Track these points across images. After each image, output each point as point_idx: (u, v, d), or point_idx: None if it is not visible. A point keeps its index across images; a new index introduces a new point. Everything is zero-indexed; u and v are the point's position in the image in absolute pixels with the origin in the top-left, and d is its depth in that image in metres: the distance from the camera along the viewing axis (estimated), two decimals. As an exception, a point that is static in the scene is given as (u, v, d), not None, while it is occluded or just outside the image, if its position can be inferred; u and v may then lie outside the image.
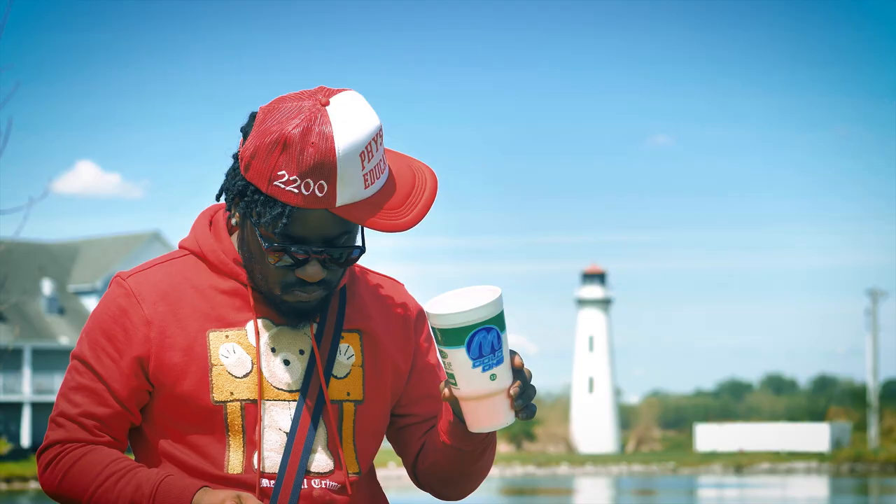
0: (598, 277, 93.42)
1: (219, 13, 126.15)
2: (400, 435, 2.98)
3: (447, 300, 2.69)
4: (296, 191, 2.64)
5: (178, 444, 2.81)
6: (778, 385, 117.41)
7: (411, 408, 2.97)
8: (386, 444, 3.07)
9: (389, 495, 3.10)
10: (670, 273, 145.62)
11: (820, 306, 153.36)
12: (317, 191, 2.64)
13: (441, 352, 2.67)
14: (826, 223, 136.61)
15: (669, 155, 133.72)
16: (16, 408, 69.59)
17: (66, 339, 70.86)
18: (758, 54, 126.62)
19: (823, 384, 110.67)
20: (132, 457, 2.86)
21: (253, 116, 2.74)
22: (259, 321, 2.81)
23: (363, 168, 2.65)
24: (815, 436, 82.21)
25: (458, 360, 2.64)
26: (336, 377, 2.85)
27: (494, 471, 71.31)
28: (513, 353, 2.70)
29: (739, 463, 74.34)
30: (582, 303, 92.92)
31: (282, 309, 2.79)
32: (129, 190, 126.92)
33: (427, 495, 3.09)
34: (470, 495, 2.98)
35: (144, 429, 2.85)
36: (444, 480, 2.93)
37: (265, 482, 2.78)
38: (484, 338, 2.63)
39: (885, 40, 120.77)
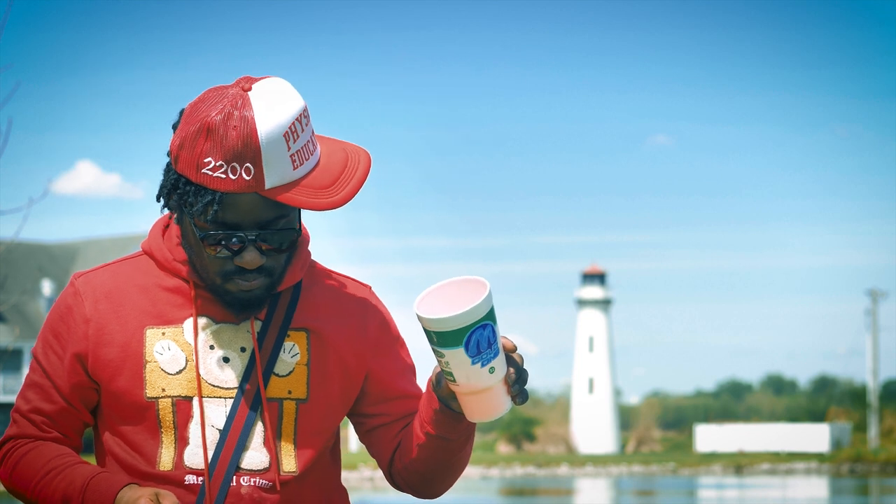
0: (598, 278, 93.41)
1: (219, 13, 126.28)
2: (373, 435, 2.96)
3: (434, 299, 2.68)
4: (223, 176, 2.65)
5: (118, 441, 2.83)
6: (778, 385, 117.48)
7: (383, 407, 2.95)
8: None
9: (389, 495, 3.08)
10: (670, 273, 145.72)
11: (820, 306, 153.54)
12: (244, 174, 2.64)
13: (437, 352, 2.65)
14: (826, 223, 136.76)
15: (669, 155, 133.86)
16: (15, 408, 69.59)
17: (65, 339, 70.78)
18: (757, 54, 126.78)
19: (823, 384, 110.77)
20: (92, 456, 2.90)
21: (182, 112, 2.75)
22: (200, 318, 2.82)
23: (289, 149, 2.66)
24: (815, 436, 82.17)
25: (456, 359, 2.63)
26: (277, 375, 2.83)
27: (494, 471, 71.31)
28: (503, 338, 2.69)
29: (739, 463, 74.29)
30: (582, 303, 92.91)
31: (226, 300, 2.78)
32: (129, 190, 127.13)
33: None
34: (471, 496, 2.97)
35: (98, 426, 2.88)
36: (424, 476, 2.91)
37: (193, 479, 2.78)
38: (481, 335, 2.62)
39: (885, 40, 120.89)
